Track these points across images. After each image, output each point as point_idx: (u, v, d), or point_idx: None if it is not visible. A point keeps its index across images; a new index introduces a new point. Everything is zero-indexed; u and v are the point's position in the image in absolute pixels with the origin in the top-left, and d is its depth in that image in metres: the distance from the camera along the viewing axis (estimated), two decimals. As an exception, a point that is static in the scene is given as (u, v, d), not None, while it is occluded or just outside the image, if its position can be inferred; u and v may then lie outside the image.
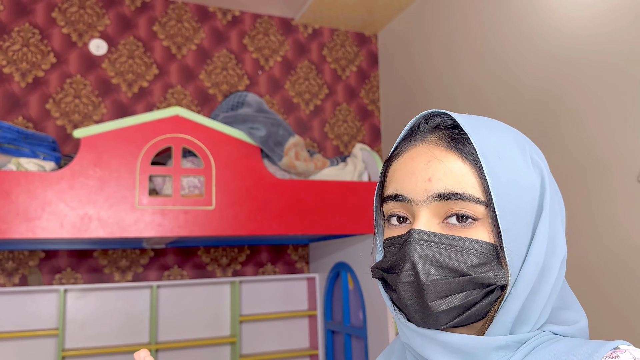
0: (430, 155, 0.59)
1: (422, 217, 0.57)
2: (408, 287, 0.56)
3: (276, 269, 3.05)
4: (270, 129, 2.22)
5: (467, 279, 0.54)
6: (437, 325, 0.56)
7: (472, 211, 0.56)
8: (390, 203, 0.60)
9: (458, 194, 0.56)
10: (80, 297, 2.60)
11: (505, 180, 0.56)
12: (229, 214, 2.09)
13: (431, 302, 0.54)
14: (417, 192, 0.58)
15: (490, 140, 0.58)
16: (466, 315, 0.56)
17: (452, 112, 0.60)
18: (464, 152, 0.57)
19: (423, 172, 0.58)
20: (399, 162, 0.61)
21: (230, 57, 3.12)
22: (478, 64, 2.55)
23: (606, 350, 0.52)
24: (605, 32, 1.91)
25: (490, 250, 0.56)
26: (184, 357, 2.74)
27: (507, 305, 0.56)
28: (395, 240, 0.60)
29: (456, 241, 0.55)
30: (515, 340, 0.56)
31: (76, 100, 2.77)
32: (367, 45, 3.49)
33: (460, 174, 0.56)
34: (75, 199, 1.90)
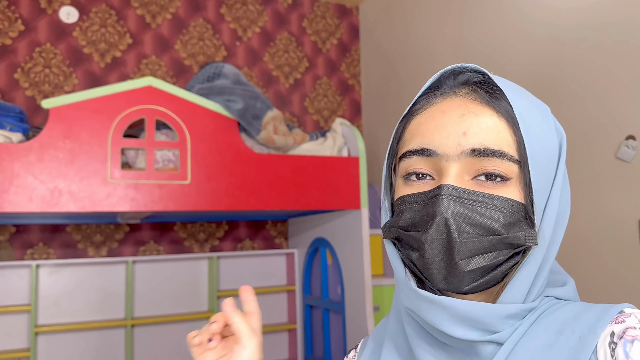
0: (465, 108, 0.56)
1: (452, 173, 0.54)
2: (436, 244, 0.53)
3: (255, 244, 3.02)
4: (247, 102, 2.16)
5: (499, 238, 0.53)
6: (460, 286, 0.54)
7: (505, 170, 0.54)
8: (412, 158, 0.57)
9: (494, 150, 0.53)
10: (53, 272, 2.54)
11: (537, 139, 0.55)
12: (205, 189, 2.04)
13: (460, 261, 0.52)
14: (449, 147, 0.55)
15: (522, 100, 0.56)
16: (489, 277, 0.54)
17: (480, 67, 0.58)
18: (499, 108, 0.55)
19: (456, 125, 0.55)
20: (425, 116, 0.58)
21: (207, 27, 3.03)
22: (460, 38, 2.51)
23: (612, 315, 0.51)
24: (587, 7, 1.88)
25: (519, 210, 0.54)
26: (161, 332, 2.71)
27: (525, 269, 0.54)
28: (416, 197, 0.56)
29: (488, 199, 0.53)
30: (524, 309, 0.55)
31: (46, 70, 2.67)
32: (348, 18, 3.42)
33: (496, 130, 0.54)
34: (44, 171, 1.83)
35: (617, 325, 0.50)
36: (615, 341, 0.49)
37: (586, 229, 1.86)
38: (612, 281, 1.78)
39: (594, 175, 1.84)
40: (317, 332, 2.78)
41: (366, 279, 2.29)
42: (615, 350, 0.48)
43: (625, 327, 0.50)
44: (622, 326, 0.50)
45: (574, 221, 1.90)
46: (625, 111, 1.75)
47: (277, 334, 2.97)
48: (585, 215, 1.87)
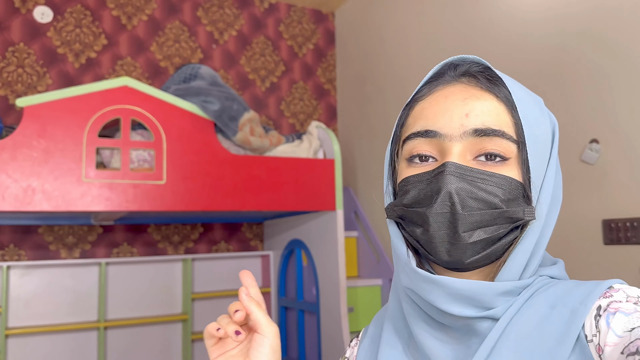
0: (467, 93, 0.60)
1: (455, 152, 0.58)
2: (440, 217, 0.56)
3: (230, 246, 3.02)
4: (224, 103, 2.17)
5: (499, 212, 0.56)
6: (462, 258, 0.57)
7: (505, 150, 0.57)
8: (416, 140, 0.60)
9: (495, 130, 0.57)
10: (24, 274, 2.50)
11: (533, 122, 0.59)
12: (181, 189, 2.05)
13: (463, 233, 0.55)
14: (452, 127, 0.58)
15: (518, 88, 0.61)
16: (489, 251, 0.57)
17: (480, 59, 0.62)
18: (499, 93, 0.59)
19: (459, 108, 0.59)
20: (428, 101, 0.62)
21: (183, 30, 3.03)
22: (434, 44, 2.57)
23: (602, 290, 0.54)
24: (552, 14, 1.95)
25: (518, 187, 0.58)
26: (134, 335, 2.70)
27: (522, 245, 0.58)
28: (420, 176, 0.60)
29: (489, 176, 0.57)
30: (518, 286, 0.57)
31: (19, 69, 2.64)
32: (324, 23, 3.47)
33: (496, 112, 0.58)
34: (18, 170, 1.82)
35: (604, 300, 0.53)
36: (600, 314, 0.52)
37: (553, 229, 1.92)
38: (577, 279, 1.84)
39: (560, 177, 1.91)
40: (292, 333, 2.80)
41: (341, 280, 2.32)
42: (599, 322, 0.51)
43: (611, 300, 0.53)
44: (608, 300, 0.53)
45: (541, 222, 1.96)
46: (589, 116, 1.82)
47: (251, 336, 2.97)
48: (551, 216, 1.93)
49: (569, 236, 1.87)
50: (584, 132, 1.84)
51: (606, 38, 1.78)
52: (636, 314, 0.50)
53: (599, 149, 1.77)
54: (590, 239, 1.81)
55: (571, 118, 1.88)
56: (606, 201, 1.76)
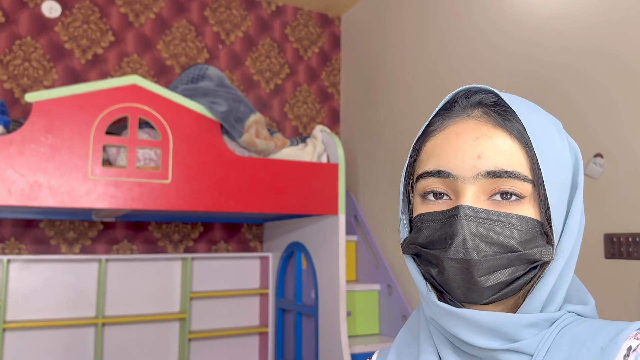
0: (478, 131, 0.58)
1: (468, 194, 0.56)
2: (455, 263, 0.55)
3: (229, 247, 3.03)
4: (231, 105, 2.18)
5: (516, 255, 0.55)
6: (480, 300, 0.56)
7: (520, 189, 0.56)
8: (429, 179, 0.59)
9: (508, 172, 0.55)
10: (24, 268, 2.50)
11: (551, 157, 0.57)
12: (186, 189, 2.06)
13: (479, 278, 0.55)
14: (464, 169, 0.57)
15: (534, 119, 0.58)
16: (507, 290, 0.56)
17: (493, 88, 0.60)
18: (512, 130, 0.57)
19: (471, 148, 0.57)
20: (440, 138, 0.60)
21: (190, 29, 3.04)
22: (439, 52, 2.59)
23: (632, 330, 0.54)
24: (561, 29, 1.97)
25: (535, 226, 0.56)
26: (132, 332, 2.70)
27: (544, 280, 0.57)
28: (435, 215, 0.58)
29: (505, 217, 0.55)
30: (544, 319, 0.57)
31: (26, 63, 2.64)
32: (330, 27, 3.48)
33: (510, 152, 0.56)
34: (25, 165, 1.82)
35: (635, 341, 0.53)
36: (629, 354, 0.52)
37: (554, 241, 1.94)
38: (576, 292, 1.86)
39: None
40: (289, 335, 2.81)
41: (341, 284, 2.33)
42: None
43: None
44: (638, 342, 0.52)
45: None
46: (594, 129, 1.85)
47: (248, 337, 2.98)
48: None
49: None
50: (589, 146, 1.86)
51: (612, 53, 1.80)
52: None
53: (603, 164, 1.79)
54: (591, 252, 1.82)
55: (576, 131, 1.90)
56: (609, 215, 1.78)
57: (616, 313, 1.74)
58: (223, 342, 2.92)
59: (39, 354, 2.49)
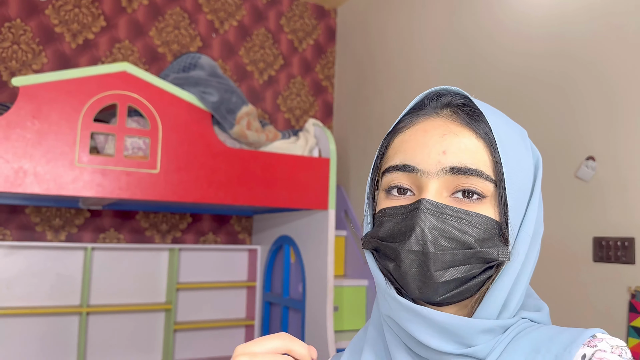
0: (446, 129, 0.59)
1: (431, 189, 0.57)
2: (412, 255, 0.55)
3: (218, 238, 3.01)
4: (223, 95, 2.15)
5: (473, 252, 0.55)
6: (434, 297, 0.56)
7: (482, 188, 0.57)
8: (394, 173, 0.60)
9: (471, 169, 0.56)
10: (8, 254, 2.47)
11: (513, 160, 0.58)
12: (174, 179, 2.03)
13: (435, 272, 0.55)
14: (429, 164, 0.57)
15: (500, 123, 0.60)
16: (462, 289, 0.56)
17: (463, 91, 0.61)
18: (479, 130, 0.58)
19: (437, 144, 0.58)
20: (408, 134, 0.61)
21: (183, 16, 3.00)
22: (436, 47, 2.57)
23: (585, 338, 0.54)
24: (555, 30, 1.96)
25: (494, 227, 0.57)
26: (117, 321, 2.67)
27: (499, 283, 0.57)
28: (396, 209, 0.59)
29: (465, 215, 0.56)
30: (499, 325, 0.57)
31: (14, 46, 2.59)
32: (325, 19, 3.45)
33: (474, 150, 0.57)
34: (10, 150, 1.78)
35: (589, 349, 0.53)
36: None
37: (543, 244, 1.94)
38: (566, 296, 1.86)
39: (554, 193, 1.92)
40: (275, 329, 2.79)
41: (329, 278, 2.31)
42: None
43: (596, 350, 0.53)
44: (593, 350, 0.53)
45: (532, 234, 1.98)
46: (586, 133, 1.84)
47: (234, 329, 2.97)
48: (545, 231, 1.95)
49: (558, 252, 1.89)
50: (581, 149, 1.85)
51: (604, 58, 1.79)
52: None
53: (594, 167, 1.79)
54: (580, 255, 1.82)
55: (569, 134, 1.89)
56: (598, 219, 1.78)
57: (603, 317, 1.74)
58: (209, 334, 2.90)
59: (23, 341, 2.46)
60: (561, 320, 1.85)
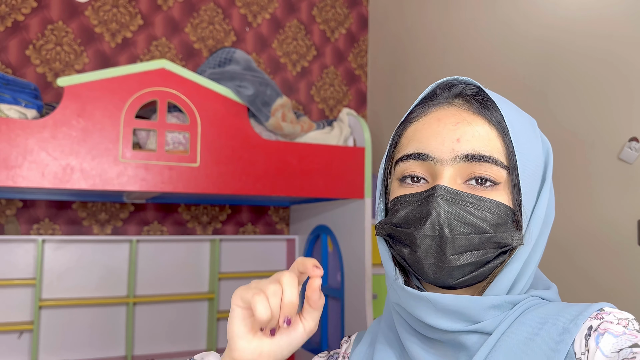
0: (459, 117, 0.60)
1: (445, 176, 0.58)
2: (429, 240, 0.57)
3: (256, 229, 3.06)
4: (258, 88, 2.19)
5: (487, 237, 0.56)
6: (449, 280, 0.58)
7: (495, 175, 0.58)
8: (408, 162, 0.61)
9: (485, 156, 0.58)
10: (58, 248, 2.58)
11: (525, 147, 0.59)
12: (214, 172, 2.08)
13: (450, 256, 0.56)
14: (443, 152, 0.59)
15: (512, 112, 0.61)
16: (476, 274, 0.58)
17: (474, 81, 0.62)
18: (491, 118, 0.60)
19: (451, 132, 0.59)
20: (421, 123, 0.62)
21: (217, 12, 3.04)
22: (470, 33, 2.54)
23: (592, 311, 0.55)
24: (595, 7, 1.91)
25: (507, 212, 0.58)
26: (162, 311, 2.76)
27: (510, 266, 0.58)
28: (411, 197, 0.60)
29: (479, 201, 0.57)
30: (507, 301, 0.58)
31: (57, 47, 2.69)
32: (357, 8, 3.44)
33: (487, 137, 0.59)
34: (57, 148, 1.86)
35: (595, 321, 0.54)
36: (591, 334, 0.53)
37: (587, 228, 1.91)
38: (610, 281, 1.83)
39: (596, 176, 1.89)
40: (315, 317, 2.83)
41: (367, 267, 2.33)
42: (588, 341, 0.52)
43: (602, 321, 0.54)
44: (599, 321, 0.54)
45: (575, 219, 1.95)
46: (628, 113, 1.79)
47: (275, 317, 3.02)
48: (586, 214, 1.91)
49: (602, 235, 1.85)
50: (623, 130, 1.81)
51: (651, 35, 1.74)
52: (624, 336, 0.51)
53: (638, 148, 1.74)
54: (624, 238, 1.79)
55: (610, 114, 1.85)
56: (642, 201, 1.74)
57: (648, 301, 1.71)
58: (250, 323, 2.96)
59: (73, 331, 2.57)
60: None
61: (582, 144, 1.94)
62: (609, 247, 1.83)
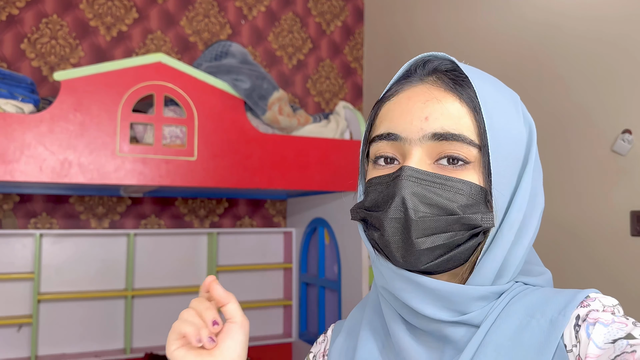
0: (429, 95, 0.58)
1: (414, 156, 0.57)
2: (395, 222, 0.55)
3: (253, 222, 3.07)
4: (254, 82, 2.19)
5: (455, 218, 0.54)
6: (417, 265, 0.56)
7: (465, 154, 0.56)
8: (380, 143, 0.59)
9: (454, 134, 0.56)
10: (56, 242, 2.59)
11: (500, 124, 0.57)
12: (211, 166, 2.09)
13: (416, 239, 0.54)
14: (411, 131, 0.57)
15: (487, 87, 0.59)
16: (447, 257, 0.56)
17: (450, 57, 0.60)
18: (463, 95, 0.57)
19: (419, 111, 0.57)
20: (393, 102, 0.61)
21: (212, 4, 3.04)
22: (465, 24, 2.55)
23: (579, 299, 0.54)
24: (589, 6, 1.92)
25: (479, 192, 0.56)
26: (160, 304, 2.78)
27: (492, 252, 0.56)
28: (381, 179, 0.59)
29: (447, 181, 0.55)
30: (493, 292, 0.57)
31: (52, 41, 2.68)
32: (353, 0, 3.44)
33: (458, 115, 0.56)
34: (55, 143, 1.87)
35: (582, 309, 0.53)
36: (580, 324, 0.52)
37: (580, 219, 1.93)
38: (603, 272, 1.85)
39: (589, 168, 1.91)
40: (312, 309, 2.86)
41: (363, 259, 2.35)
42: (579, 332, 0.51)
43: (589, 310, 0.52)
44: (586, 310, 0.52)
45: (569, 211, 1.97)
46: (622, 105, 1.81)
47: (272, 309, 3.05)
48: (579, 205, 1.94)
49: (596, 226, 1.88)
50: (617, 122, 1.82)
51: (645, 27, 1.75)
52: (614, 324, 0.50)
53: (631, 140, 1.76)
54: (617, 230, 1.81)
55: (604, 106, 1.87)
56: (636, 192, 1.76)
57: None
58: (248, 314, 2.98)
59: (72, 324, 2.59)
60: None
61: (575, 136, 1.96)
62: (602, 239, 1.85)
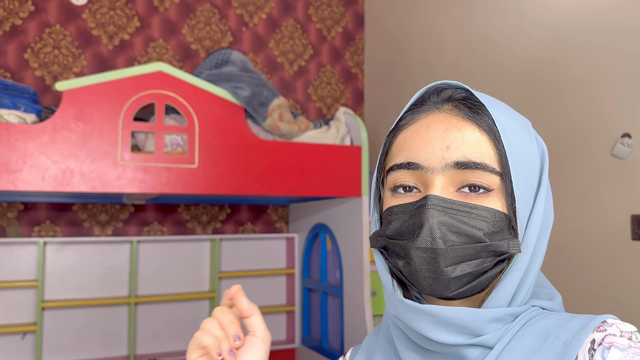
0: (448, 123, 0.58)
1: (437, 185, 0.57)
2: (422, 252, 0.55)
3: (256, 228, 3.08)
4: (254, 89, 2.21)
5: (483, 246, 0.55)
6: (446, 292, 0.56)
7: (487, 181, 0.56)
8: (399, 172, 0.60)
9: (476, 163, 0.56)
10: (59, 249, 2.60)
11: (519, 152, 0.58)
12: (212, 173, 2.10)
13: (445, 267, 0.55)
14: (433, 160, 0.57)
15: (503, 115, 0.59)
16: (474, 284, 0.56)
17: (464, 85, 0.61)
18: (482, 123, 0.58)
19: (440, 140, 0.58)
20: (411, 131, 0.61)
21: (214, 12, 3.06)
22: (465, 29, 2.55)
23: (595, 324, 0.54)
24: (587, 7, 1.93)
25: (502, 219, 0.56)
26: (163, 310, 2.79)
27: (510, 275, 0.57)
28: (404, 207, 0.59)
29: (472, 209, 0.56)
30: (509, 313, 0.57)
31: (55, 50, 2.71)
32: (353, 6, 3.45)
33: (478, 143, 0.57)
34: (57, 152, 1.88)
35: (598, 334, 0.52)
36: (595, 348, 0.51)
37: (580, 224, 1.93)
38: (604, 276, 1.85)
39: (589, 172, 1.91)
40: (315, 314, 2.86)
41: (365, 264, 2.36)
42: (594, 356, 0.50)
43: (606, 334, 0.52)
44: (602, 334, 0.52)
45: (569, 215, 1.97)
46: (621, 109, 1.81)
47: (275, 315, 3.05)
48: (579, 210, 1.94)
49: (596, 231, 1.88)
50: (616, 126, 1.83)
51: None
52: (630, 349, 0.50)
53: (631, 144, 1.76)
54: (618, 234, 1.81)
55: (603, 110, 1.87)
56: (636, 196, 1.76)
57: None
58: (251, 321, 2.99)
59: (76, 331, 2.60)
60: (599, 299, 1.85)
61: (575, 140, 1.96)
62: (603, 243, 1.85)
